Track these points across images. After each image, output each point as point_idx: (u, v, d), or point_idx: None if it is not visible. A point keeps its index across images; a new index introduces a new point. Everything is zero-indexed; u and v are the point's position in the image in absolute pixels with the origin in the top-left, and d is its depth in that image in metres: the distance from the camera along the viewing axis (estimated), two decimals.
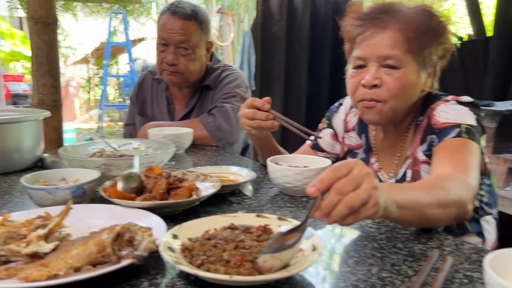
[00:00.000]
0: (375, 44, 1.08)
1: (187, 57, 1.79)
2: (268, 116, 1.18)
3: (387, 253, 0.74)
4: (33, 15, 1.60)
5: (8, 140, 1.24)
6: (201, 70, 1.88)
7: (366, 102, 1.10)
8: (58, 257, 0.60)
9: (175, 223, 0.85)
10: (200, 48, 1.84)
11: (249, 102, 1.19)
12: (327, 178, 0.61)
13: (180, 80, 1.83)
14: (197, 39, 1.80)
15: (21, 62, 9.99)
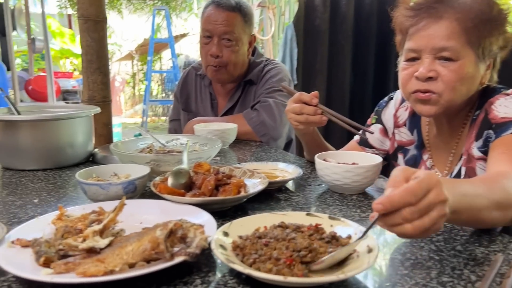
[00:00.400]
0: (429, 36, 1.03)
1: (231, 49, 1.79)
2: (316, 111, 1.16)
3: (446, 256, 0.70)
4: (83, 13, 1.64)
5: (62, 136, 1.28)
6: (244, 64, 1.88)
7: (420, 93, 1.05)
8: (114, 253, 0.61)
9: (223, 219, 0.85)
10: (243, 41, 1.83)
11: (296, 96, 1.17)
12: (398, 201, 0.57)
13: (224, 76, 1.84)
14: (240, 31, 1.80)
15: (70, 59, 10.42)
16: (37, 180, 1.16)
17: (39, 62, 7.98)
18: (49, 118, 1.28)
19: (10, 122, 1.24)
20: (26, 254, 0.65)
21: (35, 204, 0.97)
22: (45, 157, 1.26)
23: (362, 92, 3.33)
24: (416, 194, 0.57)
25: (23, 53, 8.34)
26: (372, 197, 1.01)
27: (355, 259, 0.63)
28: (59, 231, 0.70)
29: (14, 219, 0.87)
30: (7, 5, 4.57)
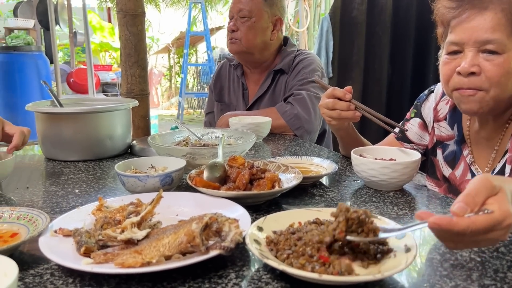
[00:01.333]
0: (473, 28, 0.98)
1: (245, 24, 1.85)
2: (349, 106, 1.14)
3: (488, 257, 0.68)
4: (122, 8, 1.68)
5: (102, 128, 1.32)
6: (266, 44, 1.89)
7: (463, 90, 1.00)
8: (151, 245, 0.62)
9: (257, 214, 0.85)
10: (263, 19, 1.86)
11: (329, 91, 1.16)
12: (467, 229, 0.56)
13: (239, 47, 1.88)
14: (256, 8, 1.84)
15: (110, 52, 10.71)
16: (78, 171, 1.20)
17: (80, 55, 8.24)
18: (89, 111, 1.32)
19: (53, 115, 1.29)
20: (67, 243, 0.67)
21: (76, 194, 1.00)
22: (85, 148, 1.30)
23: (400, 85, 3.24)
24: (486, 230, 0.57)
25: (65, 47, 8.65)
26: (410, 194, 0.99)
27: (392, 258, 0.62)
28: (98, 222, 0.72)
29: (57, 208, 0.91)
30: (50, 0, 4.73)
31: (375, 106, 3.44)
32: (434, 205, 0.95)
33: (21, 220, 0.74)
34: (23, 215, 0.75)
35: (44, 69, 4.62)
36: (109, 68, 9.08)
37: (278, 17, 1.89)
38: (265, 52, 1.91)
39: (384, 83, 3.22)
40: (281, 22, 1.90)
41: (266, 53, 1.91)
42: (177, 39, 9.62)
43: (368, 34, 3.18)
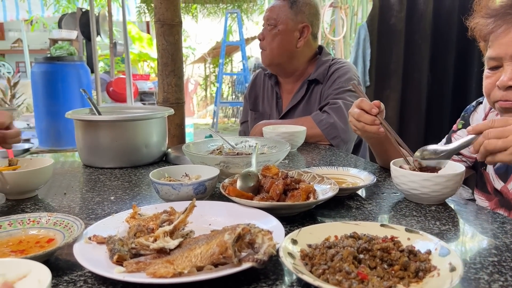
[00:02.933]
0: (508, 43, 0.98)
1: (271, 33, 1.85)
2: (373, 121, 1.11)
3: None
4: (159, 18, 1.70)
5: (138, 136, 1.33)
6: (292, 53, 1.87)
7: (502, 102, 1.01)
8: (183, 255, 0.61)
9: (291, 226, 0.83)
10: (288, 27, 1.84)
11: (357, 102, 1.14)
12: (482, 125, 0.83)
13: (265, 57, 1.89)
14: (283, 17, 1.83)
15: (148, 62, 10.99)
16: (114, 178, 1.22)
17: (119, 65, 8.50)
18: (126, 118, 1.34)
19: (91, 122, 1.32)
20: (101, 251, 0.68)
21: (111, 201, 1.01)
22: (122, 156, 1.32)
23: (440, 94, 3.13)
24: (497, 122, 0.74)
25: (105, 57, 8.94)
26: (453, 209, 0.93)
27: (435, 278, 0.58)
28: (132, 230, 0.72)
29: (92, 215, 0.92)
30: (92, 12, 4.91)
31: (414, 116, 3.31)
32: (480, 220, 0.89)
33: (57, 226, 0.75)
34: (60, 221, 0.76)
35: (85, 78, 4.78)
36: (147, 78, 9.31)
37: (305, 25, 1.85)
38: (294, 61, 1.89)
39: (424, 92, 3.11)
40: (308, 30, 1.86)
41: (295, 62, 1.89)
42: (213, 49, 9.75)
43: (407, 42, 3.10)
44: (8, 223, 0.75)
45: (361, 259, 0.62)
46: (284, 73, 1.95)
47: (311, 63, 1.93)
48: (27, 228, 0.75)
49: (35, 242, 0.72)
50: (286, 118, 1.91)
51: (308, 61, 1.92)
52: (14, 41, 13.89)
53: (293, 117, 1.88)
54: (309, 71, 1.91)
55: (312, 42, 1.92)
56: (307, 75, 1.89)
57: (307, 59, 1.92)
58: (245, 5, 7.16)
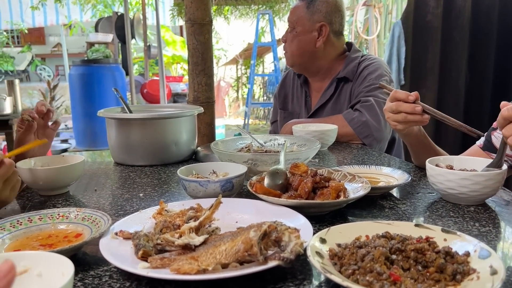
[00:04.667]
0: None
1: (290, 35, 1.86)
2: (414, 108, 1.05)
3: None
4: (190, 17, 1.71)
5: (168, 134, 1.34)
6: (312, 54, 1.85)
7: None
8: (208, 251, 0.60)
9: (320, 225, 0.80)
10: (305, 28, 1.82)
11: (392, 94, 1.09)
12: None
13: (288, 60, 1.91)
14: (300, 18, 1.83)
15: (181, 64, 11.15)
16: (144, 175, 1.22)
17: (153, 67, 8.67)
18: (156, 116, 1.35)
19: (122, 120, 1.34)
20: (127, 246, 0.67)
21: (140, 198, 1.01)
22: (152, 154, 1.33)
23: (479, 94, 2.99)
24: None
25: (140, 59, 9.14)
26: (494, 210, 0.88)
27: (474, 281, 0.54)
28: (158, 226, 0.72)
29: (121, 211, 0.92)
30: (127, 15, 5.03)
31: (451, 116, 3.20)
32: None
33: (85, 221, 0.76)
34: (88, 216, 0.77)
35: (120, 80, 4.90)
36: (180, 79, 9.44)
37: (322, 24, 1.82)
38: (316, 60, 1.86)
39: (461, 91, 3.00)
40: (326, 28, 1.82)
41: (318, 61, 1.86)
42: (245, 50, 9.77)
43: (444, 39, 2.99)
44: (39, 218, 0.76)
45: (393, 260, 0.59)
46: (309, 73, 1.94)
47: (339, 61, 1.89)
48: (56, 223, 0.76)
49: (64, 237, 0.73)
50: (315, 116, 1.88)
51: (335, 59, 1.88)
52: (54, 46, 14.44)
53: (322, 115, 1.85)
54: (338, 68, 1.87)
55: (335, 40, 1.87)
56: (336, 73, 1.86)
57: (332, 58, 1.88)
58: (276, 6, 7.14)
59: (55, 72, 13.58)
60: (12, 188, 0.87)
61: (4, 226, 0.72)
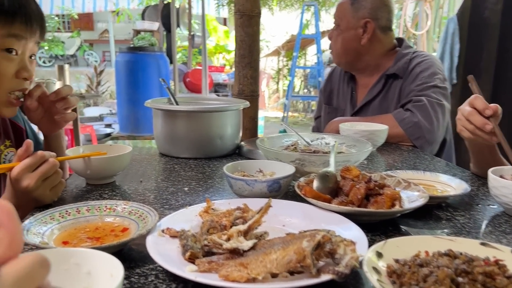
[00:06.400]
0: None
1: (335, 33, 1.83)
2: (484, 125, 0.97)
3: None
4: (239, 8, 1.68)
5: (214, 127, 1.32)
6: (357, 51, 1.79)
7: None
8: (258, 259, 0.57)
9: (372, 234, 0.76)
10: (349, 25, 1.77)
11: (471, 99, 1.01)
12: None
13: (334, 57, 1.89)
14: (344, 15, 1.79)
15: (223, 55, 11.21)
16: (188, 168, 1.22)
17: (196, 56, 8.75)
18: (203, 109, 1.33)
19: (168, 112, 1.33)
20: (173, 245, 0.66)
21: (185, 192, 1.00)
22: (197, 146, 1.32)
23: None
24: None
25: (183, 48, 9.25)
26: None
27: None
28: (205, 225, 0.70)
29: (166, 205, 0.91)
30: (173, 4, 5.07)
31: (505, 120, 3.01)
32: None
33: (132, 215, 0.75)
34: (135, 210, 0.76)
35: (164, 68, 4.96)
36: (221, 70, 9.50)
37: (366, 20, 1.74)
38: (363, 57, 1.80)
39: None
40: (371, 25, 1.75)
41: (364, 58, 1.80)
42: (287, 42, 9.69)
43: (502, 37, 2.82)
44: (86, 209, 0.76)
45: (459, 282, 0.54)
46: (355, 69, 1.88)
47: (388, 57, 1.81)
48: (104, 215, 0.76)
49: (110, 230, 0.72)
50: (360, 113, 1.81)
51: (383, 55, 1.81)
52: (101, 32, 14.88)
53: (367, 113, 1.78)
54: (387, 65, 1.79)
55: (382, 36, 1.79)
56: (384, 69, 1.78)
57: (380, 54, 1.80)
58: None
59: (101, 58, 14.00)
60: (53, 189, 0.87)
61: (53, 216, 0.72)
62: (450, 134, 1.79)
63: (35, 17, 0.96)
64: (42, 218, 0.71)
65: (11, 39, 0.94)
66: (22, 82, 0.99)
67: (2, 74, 0.94)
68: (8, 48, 0.94)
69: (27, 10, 0.94)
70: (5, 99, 0.98)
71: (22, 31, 0.95)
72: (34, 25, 0.97)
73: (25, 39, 0.96)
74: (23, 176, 0.82)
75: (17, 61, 0.97)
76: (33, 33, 0.98)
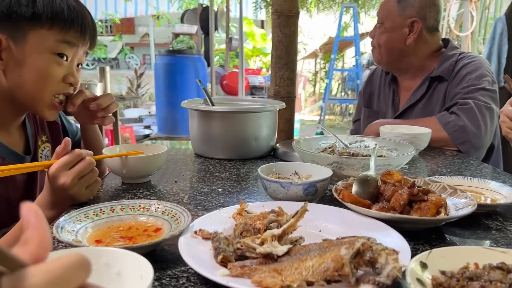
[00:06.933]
0: None
1: (379, 30, 1.75)
2: None
3: None
4: (277, 9, 1.66)
5: (249, 128, 1.30)
6: (401, 51, 1.71)
7: None
8: (292, 265, 0.54)
9: (415, 243, 0.72)
10: (395, 24, 1.70)
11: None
12: None
13: (375, 56, 1.80)
14: (389, 13, 1.71)
15: (260, 57, 11.23)
16: (223, 169, 1.20)
17: (233, 59, 8.81)
18: (238, 110, 1.32)
19: (205, 112, 1.32)
20: (206, 247, 0.64)
21: (219, 193, 0.99)
22: (231, 147, 1.30)
23: None
24: None
25: (221, 51, 9.34)
26: None
27: None
28: (238, 228, 0.67)
29: (200, 206, 0.90)
30: (212, 7, 5.12)
31: None
32: None
33: (165, 215, 0.74)
34: (168, 210, 0.75)
35: (202, 71, 5.02)
36: (258, 72, 9.52)
37: (414, 19, 1.67)
38: (406, 58, 1.72)
39: None
40: (418, 25, 1.67)
41: (408, 59, 1.73)
42: (325, 44, 9.58)
43: None
44: (120, 208, 0.76)
45: None
46: (398, 71, 1.81)
47: (433, 58, 1.73)
48: (137, 215, 0.75)
49: (143, 230, 0.71)
50: (403, 117, 1.74)
51: (428, 57, 1.73)
52: (142, 36, 15.29)
53: (410, 116, 1.71)
54: (431, 66, 1.71)
55: (429, 37, 1.71)
56: (429, 71, 1.71)
57: (424, 55, 1.73)
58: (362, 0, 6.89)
59: (142, 61, 14.37)
60: (89, 187, 0.88)
61: (87, 214, 0.72)
62: (498, 139, 1.69)
63: (89, 28, 1.01)
64: (77, 216, 0.71)
65: (64, 45, 0.97)
66: (67, 87, 1.02)
67: (51, 76, 0.98)
68: (60, 53, 0.97)
69: (83, 21, 0.99)
70: (50, 102, 1.01)
71: (76, 39, 0.99)
72: (87, 35, 1.01)
73: (76, 46, 1.00)
74: (59, 174, 0.83)
75: (66, 67, 1.00)
76: (85, 42, 1.02)
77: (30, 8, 0.93)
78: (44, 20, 0.94)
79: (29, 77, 0.96)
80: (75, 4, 0.98)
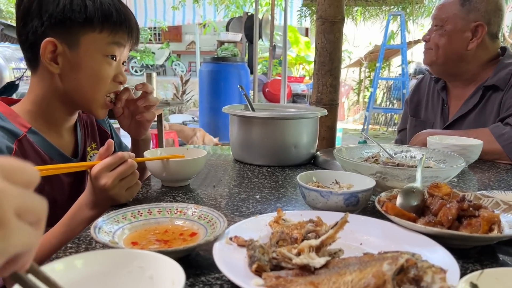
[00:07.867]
0: None
1: (437, 32, 1.65)
2: None
3: None
4: (321, 15, 1.64)
5: (289, 135, 1.28)
6: (460, 56, 1.62)
7: None
8: (330, 279, 0.52)
9: (464, 261, 0.67)
10: (457, 27, 1.60)
11: None
12: None
13: (427, 58, 1.70)
14: (452, 16, 1.61)
15: (303, 65, 11.19)
16: (261, 175, 1.19)
17: (276, 67, 8.82)
18: (278, 116, 1.30)
19: (245, 118, 1.32)
20: (240, 255, 0.62)
21: (257, 200, 0.97)
22: (271, 154, 1.29)
23: None
24: None
25: (264, 59, 9.39)
26: None
27: None
28: (274, 236, 0.65)
29: (236, 212, 0.88)
30: (257, 16, 5.16)
31: None
32: None
33: (202, 220, 0.73)
34: (204, 215, 0.74)
35: (245, 78, 5.06)
36: (301, 80, 9.48)
37: (478, 24, 1.57)
38: (463, 64, 1.63)
39: None
40: (483, 30, 1.57)
41: (464, 65, 1.64)
42: (370, 52, 9.40)
43: None
44: (158, 210, 0.76)
45: None
46: (450, 76, 1.72)
47: (488, 67, 1.64)
48: (174, 218, 0.75)
49: (179, 234, 0.71)
50: (452, 128, 1.66)
51: (484, 65, 1.64)
52: (189, 43, 15.67)
53: (461, 127, 1.62)
54: (485, 75, 1.62)
55: (490, 43, 1.62)
56: (482, 80, 1.62)
57: (482, 63, 1.64)
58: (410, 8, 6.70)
59: (187, 68, 14.70)
60: (129, 189, 0.90)
61: (125, 216, 0.73)
62: None
63: (134, 29, 1.05)
64: (115, 217, 0.71)
65: (114, 46, 1.02)
66: (117, 85, 1.07)
67: (104, 77, 1.02)
68: (110, 54, 1.00)
69: (130, 22, 1.03)
70: (103, 101, 1.05)
71: (124, 39, 1.03)
72: (133, 35, 1.06)
73: (124, 46, 1.05)
74: (101, 175, 0.85)
75: (115, 66, 1.04)
76: (131, 42, 1.07)
77: (83, 14, 0.96)
78: (95, 24, 0.98)
79: (85, 80, 1.00)
80: (121, 7, 1.02)
